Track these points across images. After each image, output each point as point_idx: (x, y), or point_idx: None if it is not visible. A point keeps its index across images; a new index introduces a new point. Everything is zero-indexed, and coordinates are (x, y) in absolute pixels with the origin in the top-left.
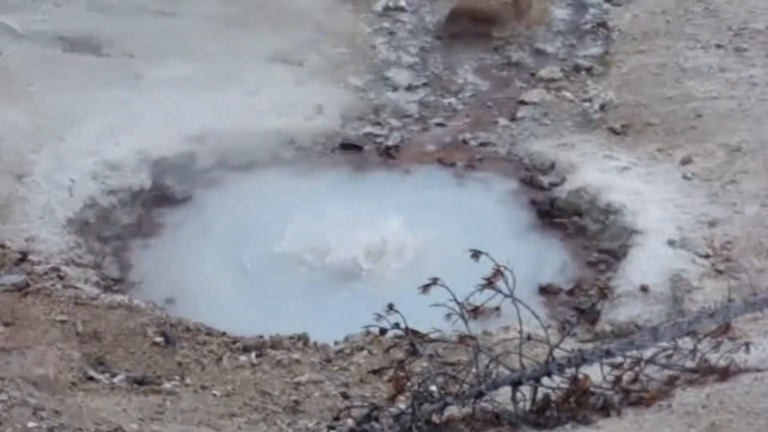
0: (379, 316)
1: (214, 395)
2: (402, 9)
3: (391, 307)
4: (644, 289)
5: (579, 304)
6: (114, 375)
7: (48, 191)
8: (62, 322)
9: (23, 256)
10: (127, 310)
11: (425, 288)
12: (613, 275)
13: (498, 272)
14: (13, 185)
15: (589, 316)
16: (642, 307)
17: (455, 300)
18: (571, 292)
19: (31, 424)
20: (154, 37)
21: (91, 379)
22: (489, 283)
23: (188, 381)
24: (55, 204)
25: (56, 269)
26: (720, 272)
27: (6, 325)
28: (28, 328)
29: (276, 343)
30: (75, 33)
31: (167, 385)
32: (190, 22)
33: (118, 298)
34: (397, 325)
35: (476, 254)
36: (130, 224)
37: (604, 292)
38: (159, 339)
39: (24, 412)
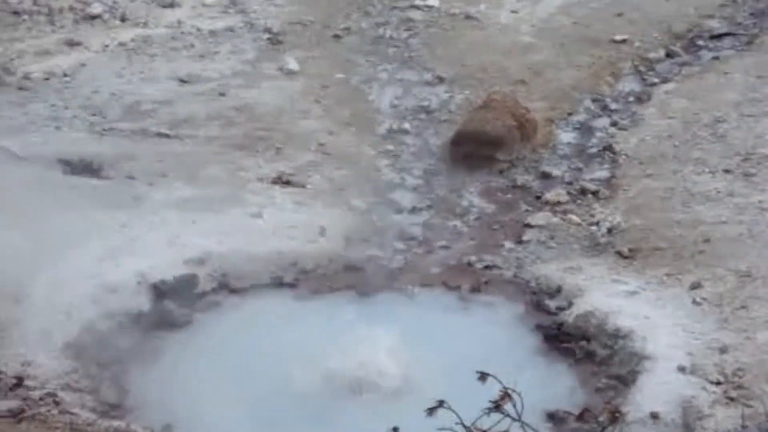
0: None
1: None
2: (406, 131)
3: (395, 430)
4: (654, 416)
5: (589, 431)
6: None
7: (45, 315)
8: None
9: (19, 381)
10: None
11: (431, 411)
12: (623, 401)
13: (506, 395)
14: (10, 308)
15: None
16: None
17: (462, 423)
18: (580, 417)
19: None
20: (155, 159)
21: None
22: (497, 407)
23: None
24: (52, 328)
25: (52, 394)
26: (732, 399)
27: None
28: None
29: None
30: (75, 156)
31: None
32: (192, 145)
33: (116, 423)
34: None
35: (483, 376)
36: (129, 348)
37: (615, 416)
38: None
39: None
